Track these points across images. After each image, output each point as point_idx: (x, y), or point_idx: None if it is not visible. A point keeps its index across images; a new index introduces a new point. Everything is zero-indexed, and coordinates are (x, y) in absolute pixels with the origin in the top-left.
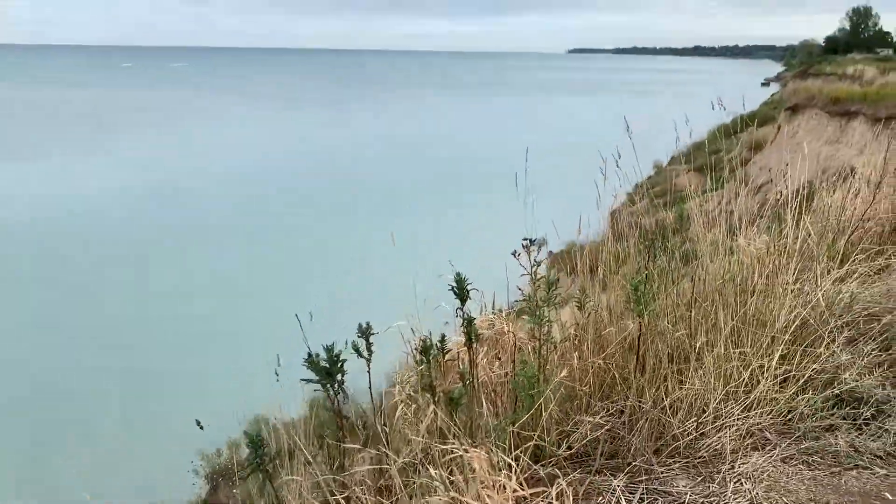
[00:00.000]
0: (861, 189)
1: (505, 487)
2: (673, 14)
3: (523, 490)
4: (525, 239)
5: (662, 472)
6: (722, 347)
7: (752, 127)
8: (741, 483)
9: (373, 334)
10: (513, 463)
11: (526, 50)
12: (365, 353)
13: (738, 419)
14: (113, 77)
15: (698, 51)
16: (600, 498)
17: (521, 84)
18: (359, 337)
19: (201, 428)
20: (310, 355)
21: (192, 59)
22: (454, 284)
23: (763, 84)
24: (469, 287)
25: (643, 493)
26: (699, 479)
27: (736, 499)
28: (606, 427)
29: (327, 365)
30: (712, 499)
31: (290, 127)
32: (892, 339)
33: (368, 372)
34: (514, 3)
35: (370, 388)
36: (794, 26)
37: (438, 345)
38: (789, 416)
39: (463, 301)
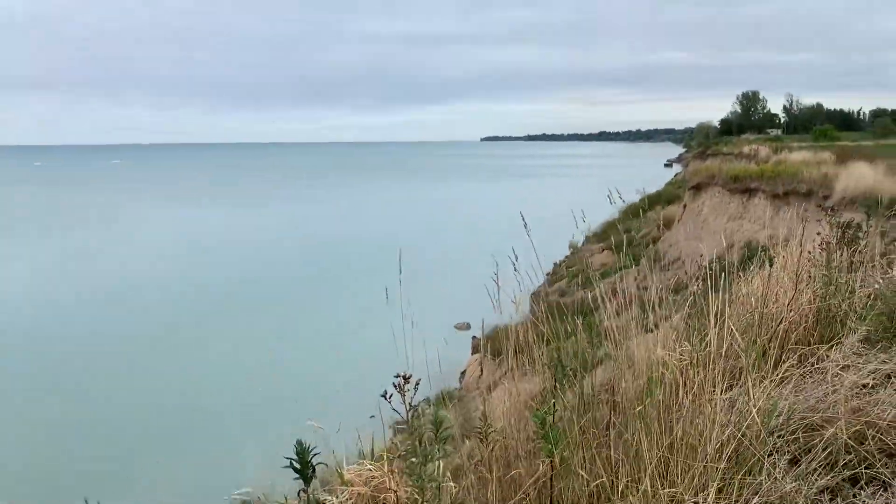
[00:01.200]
0: (779, 276)
1: None
2: (577, 103)
3: None
4: (397, 376)
5: None
6: (648, 484)
7: (660, 206)
8: None
9: None
10: None
11: (443, 139)
12: None
13: None
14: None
15: (603, 136)
16: None
17: (440, 169)
18: None
19: None
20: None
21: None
22: (294, 458)
23: (666, 165)
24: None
25: None
26: None
27: None
28: None
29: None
30: None
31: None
32: (838, 453)
33: None
34: (429, 95)
35: None
36: (691, 111)
37: None
38: None
39: (307, 480)
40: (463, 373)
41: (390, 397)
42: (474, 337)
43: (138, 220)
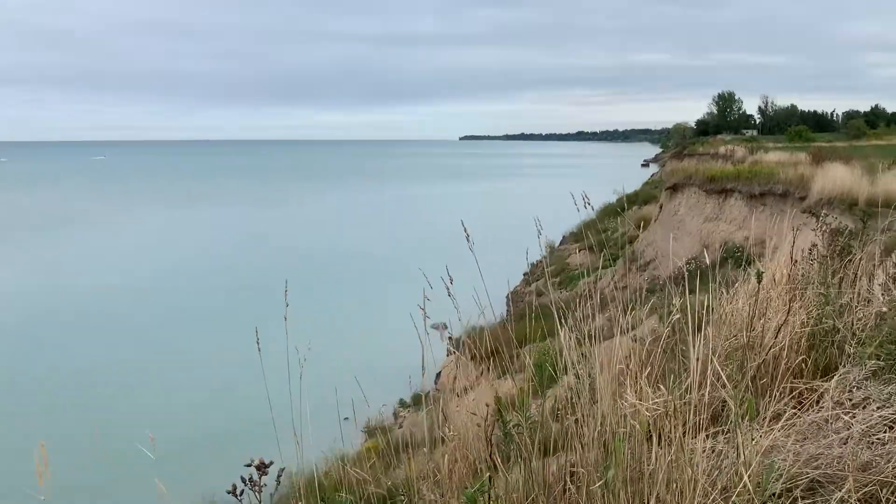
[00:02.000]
0: (768, 294)
1: None
2: (555, 103)
3: None
4: (248, 465)
5: None
6: None
7: (637, 206)
8: None
9: None
10: None
11: (421, 138)
12: None
13: None
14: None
15: (581, 136)
16: None
17: (421, 169)
18: None
19: None
20: None
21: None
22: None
23: (643, 165)
24: None
25: None
26: None
27: None
28: None
29: None
30: None
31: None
32: None
33: None
34: (408, 94)
35: None
36: (667, 112)
37: None
38: None
39: None
40: (438, 374)
41: (240, 494)
42: (450, 338)
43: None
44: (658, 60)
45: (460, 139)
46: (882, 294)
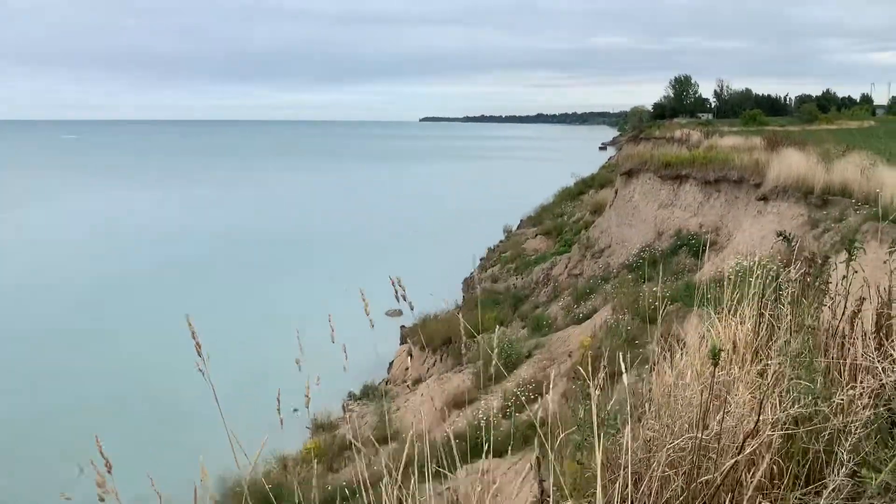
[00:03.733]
0: (731, 370)
1: None
2: (515, 85)
3: None
4: None
5: None
6: None
7: (594, 190)
8: None
9: None
10: None
11: (381, 119)
12: None
13: None
14: None
15: (541, 118)
16: None
17: (379, 151)
18: None
19: None
20: None
21: None
22: None
23: (601, 148)
24: None
25: None
26: None
27: None
28: None
29: None
30: None
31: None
32: None
33: None
34: (368, 75)
35: None
36: (625, 95)
37: None
38: None
39: None
40: (391, 363)
41: None
42: (402, 326)
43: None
44: (617, 44)
45: (421, 120)
46: (879, 358)
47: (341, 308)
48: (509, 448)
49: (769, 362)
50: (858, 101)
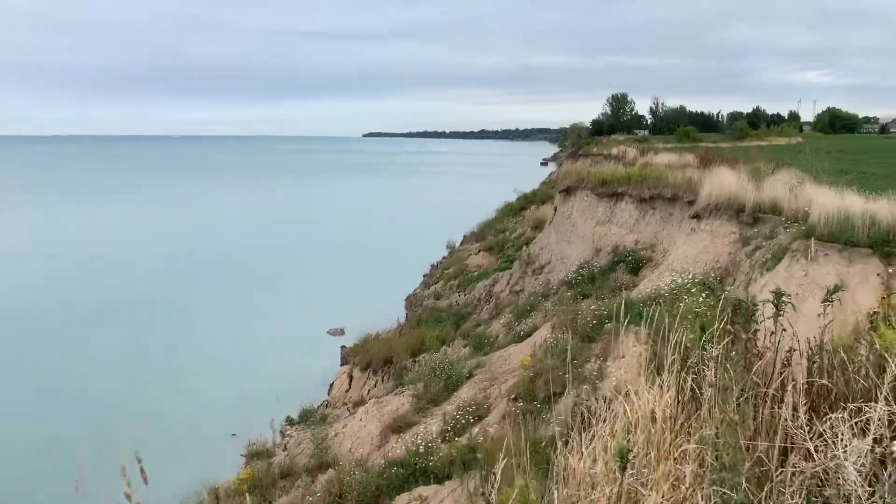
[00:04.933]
0: (647, 461)
1: None
2: (458, 102)
3: None
4: None
5: None
6: None
7: (535, 206)
8: None
9: None
10: None
11: (324, 134)
12: None
13: None
14: None
15: (483, 134)
16: None
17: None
18: None
19: None
20: None
21: None
22: None
23: (542, 164)
24: None
25: None
26: None
27: None
28: None
29: None
30: None
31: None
32: None
33: None
34: (310, 90)
35: None
36: (565, 112)
37: None
38: None
39: None
40: (332, 385)
41: None
42: (343, 346)
43: None
44: (556, 62)
45: (364, 136)
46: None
47: (282, 328)
48: (450, 473)
49: (688, 448)
50: (787, 117)
